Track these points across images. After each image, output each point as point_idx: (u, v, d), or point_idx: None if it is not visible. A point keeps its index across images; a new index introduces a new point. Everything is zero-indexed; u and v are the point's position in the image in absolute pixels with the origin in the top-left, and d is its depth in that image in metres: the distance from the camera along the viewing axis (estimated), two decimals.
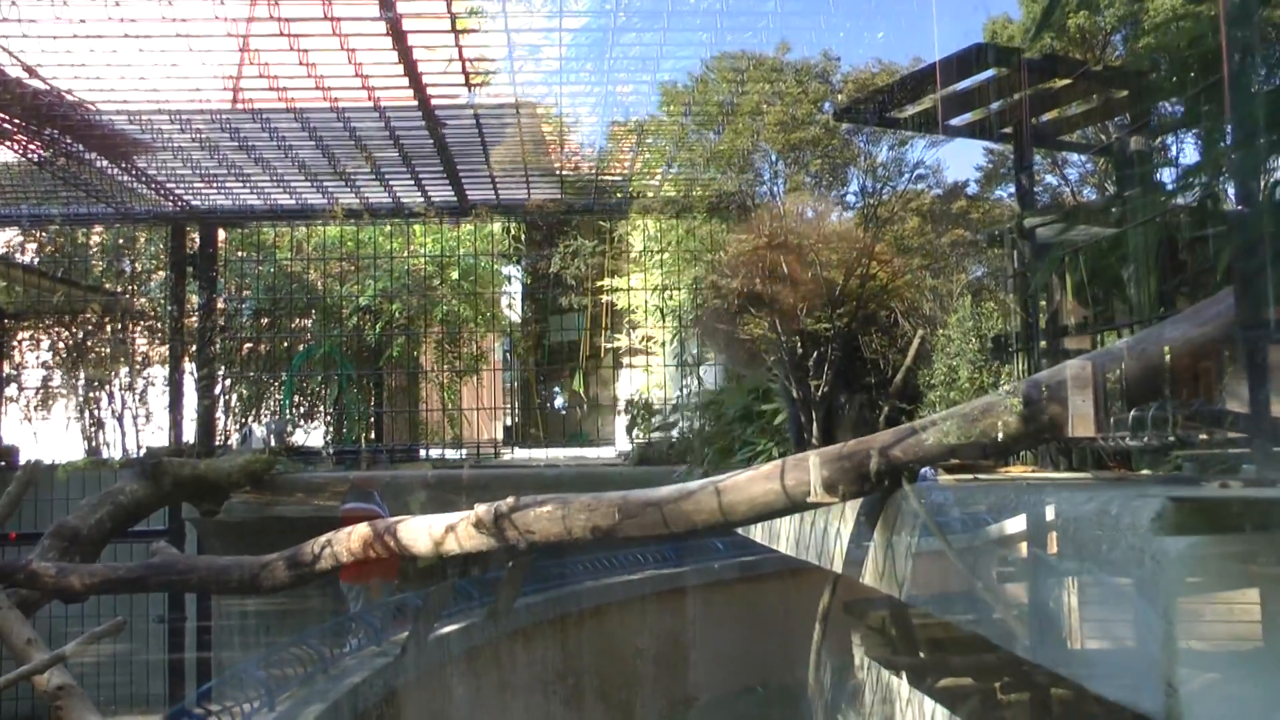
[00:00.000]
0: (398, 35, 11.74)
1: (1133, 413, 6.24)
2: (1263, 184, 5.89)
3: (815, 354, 13.74)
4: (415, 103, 13.44)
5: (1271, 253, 5.24)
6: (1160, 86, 9.54)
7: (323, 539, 9.19)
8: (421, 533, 8.67)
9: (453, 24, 11.74)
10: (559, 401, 32.79)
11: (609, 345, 21.28)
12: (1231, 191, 6.71)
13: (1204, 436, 5.91)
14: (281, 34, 11.67)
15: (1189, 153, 11.48)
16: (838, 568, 8.21)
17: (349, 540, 9.05)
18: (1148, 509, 4.23)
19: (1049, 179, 22.92)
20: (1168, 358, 6.25)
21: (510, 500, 8.06)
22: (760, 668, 16.23)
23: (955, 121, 11.48)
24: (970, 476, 7.46)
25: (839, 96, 19.07)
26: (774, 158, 19.22)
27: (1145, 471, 7.68)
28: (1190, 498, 4.30)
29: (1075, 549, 4.77)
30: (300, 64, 12.43)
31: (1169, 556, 4.11)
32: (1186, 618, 4.13)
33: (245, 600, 14.69)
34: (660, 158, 17.78)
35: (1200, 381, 6.31)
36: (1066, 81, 10.47)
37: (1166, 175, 11.10)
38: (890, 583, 7.06)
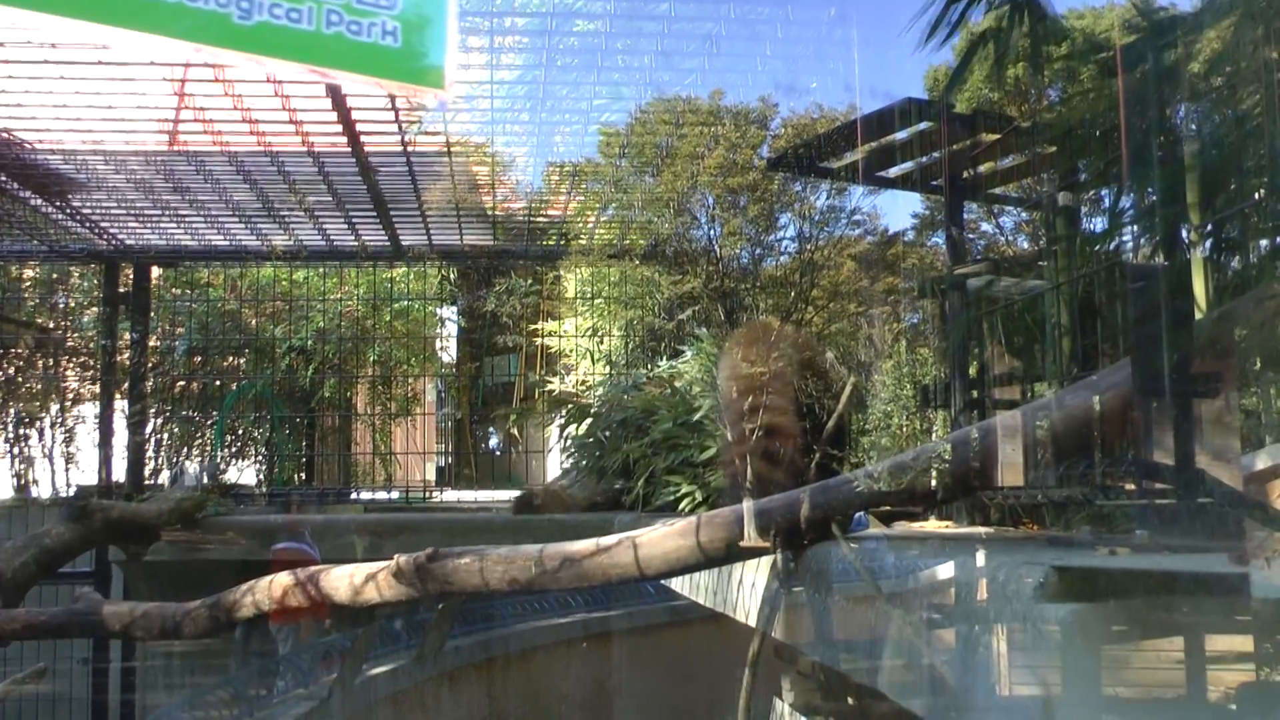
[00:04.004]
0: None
1: (1046, 471, 6.45)
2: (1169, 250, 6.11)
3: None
4: (349, 148, 13.52)
5: (1168, 318, 5.46)
6: (1079, 147, 9.75)
7: (244, 586, 9.20)
8: (343, 581, 8.70)
9: None
10: (493, 443, 32.69)
11: (543, 388, 21.31)
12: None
13: (1130, 487, 6.13)
14: (216, 79, 11.76)
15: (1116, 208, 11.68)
16: (751, 620, 8.30)
17: (270, 588, 9.07)
18: (1031, 577, 4.42)
19: (985, 227, 23.24)
20: (1073, 421, 6.42)
21: (429, 551, 8.12)
22: (688, 715, 16.24)
23: (889, 172, 11.65)
24: (880, 533, 7.62)
25: (778, 141, 19.32)
26: (710, 202, 19.42)
27: (1053, 530, 7.87)
28: (1072, 567, 4.49)
29: (965, 612, 4.96)
30: (234, 108, 12.52)
31: (1048, 623, 4.31)
32: (1064, 678, 4.34)
33: (171, 641, 14.58)
34: (596, 200, 17.86)
35: (1116, 439, 6.49)
36: (994, 136, 10.65)
37: (1094, 230, 11.29)
38: (801, 636, 7.18)
